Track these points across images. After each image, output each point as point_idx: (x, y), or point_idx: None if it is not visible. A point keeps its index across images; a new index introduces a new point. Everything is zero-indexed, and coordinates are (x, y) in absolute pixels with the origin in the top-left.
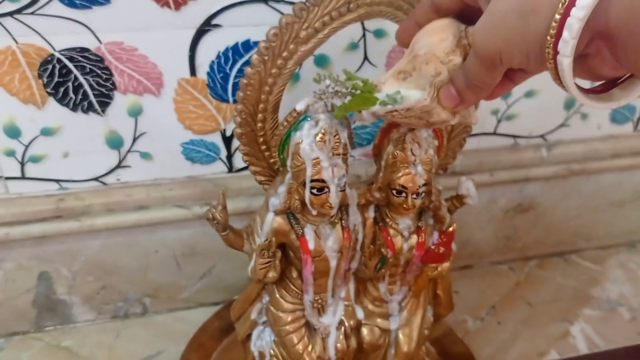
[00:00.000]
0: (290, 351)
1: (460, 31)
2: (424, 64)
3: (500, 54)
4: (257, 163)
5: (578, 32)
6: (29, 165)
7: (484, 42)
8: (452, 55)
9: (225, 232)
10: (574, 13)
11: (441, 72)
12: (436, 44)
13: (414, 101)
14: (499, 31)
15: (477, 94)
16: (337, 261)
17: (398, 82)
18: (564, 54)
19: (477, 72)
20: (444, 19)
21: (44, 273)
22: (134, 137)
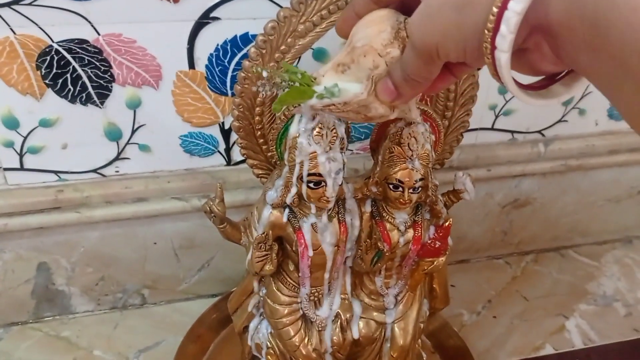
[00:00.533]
0: (287, 343)
1: (399, 22)
2: (362, 57)
3: (436, 47)
4: (255, 156)
5: (516, 26)
6: (28, 156)
7: (420, 34)
8: (390, 47)
9: (222, 225)
10: (511, 6)
11: (379, 65)
12: (374, 35)
13: (351, 95)
14: (435, 24)
15: (415, 88)
16: (333, 255)
17: (337, 75)
18: (501, 49)
19: (414, 65)
20: (383, 10)
21: (43, 264)
22: (132, 129)
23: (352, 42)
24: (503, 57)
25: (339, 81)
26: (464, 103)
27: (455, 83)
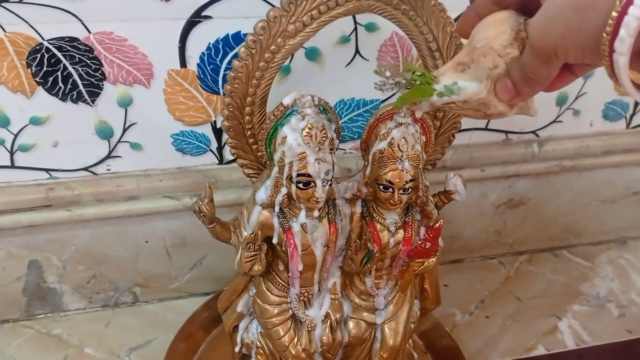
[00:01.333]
0: (276, 343)
1: (519, 24)
2: (481, 57)
3: (555, 48)
4: (245, 156)
5: (635, 30)
6: (19, 154)
7: (539, 36)
8: (510, 48)
9: (212, 224)
10: (632, 12)
11: (498, 64)
12: (494, 37)
13: (470, 93)
14: (554, 26)
15: (534, 87)
16: (323, 255)
17: (457, 74)
18: (620, 52)
19: (533, 65)
20: (503, 12)
21: (34, 262)
22: (124, 128)
23: (473, 43)
24: (621, 60)
25: (459, 80)
26: None
27: None
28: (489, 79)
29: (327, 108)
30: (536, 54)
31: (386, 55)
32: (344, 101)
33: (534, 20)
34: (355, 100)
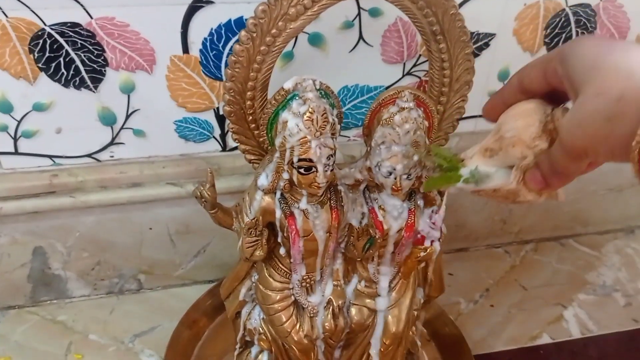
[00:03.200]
0: (278, 329)
1: (547, 115)
2: (510, 147)
3: (586, 150)
4: (247, 142)
5: None
6: (22, 140)
7: (570, 138)
8: (539, 140)
9: (214, 210)
10: None
11: (527, 156)
12: (523, 128)
13: (500, 183)
14: (585, 131)
15: (563, 180)
16: (325, 241)
17: (484, 159)
18: None
19: (563, 161)
20: (530, 102)
21: (39, 248)
22: (127, 114)
23: (501, 132)
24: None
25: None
26: (458, 89)
27: (450, 67)
28: (518, 169)
29: (328, 92)
30: (567, 153)
31: (390, 41)
32: (348, 88)
33: (565, 122)
34: (359, 86)
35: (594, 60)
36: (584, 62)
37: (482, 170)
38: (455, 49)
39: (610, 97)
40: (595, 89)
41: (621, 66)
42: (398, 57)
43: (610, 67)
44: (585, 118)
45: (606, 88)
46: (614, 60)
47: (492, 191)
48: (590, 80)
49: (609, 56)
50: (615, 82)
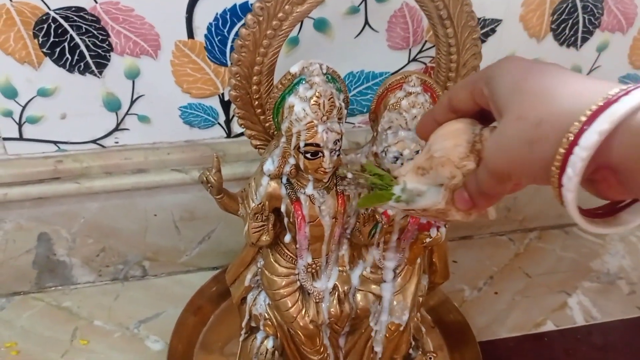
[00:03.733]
0: (284, 315)
1: (475, 135)
2: (439, 166)
3: (509, 173)
4: (253, 127)
5: (581, 170)
6: (27, 126)
7: (494, 160)
8: (466, 160)
9: (219, 195)
10: (577, 152)
11: (456, 175)
12: (451, 148)
13: (430, 203)
14: (507, 154)
15: (489, 201)
16: (331, 227)
17: (417, 177)
18: (567, 188)
19: (488, 183)
20: (459, 122)
21: (44, 234)
22: (131, 100)
23: (431, 151)
24: (569, 195)
25: (419, 183)
26: (465, 74)
27: (457, 52)
28: (447, 189)
29: (335, 77)
30: (491, 175)
31: (396, 27)
32: (353, 74)
33: (489, 144)
34: (364, 72)
35: (516, 83)
36: (506, 84)
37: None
38: (462, 34)
39: (530, 122)
40: (516, 112)
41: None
42: (404, 43)
43: (530, 91)
44: (506, 142)
45: (526, 112)
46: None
47: (421, 210)
48: (512, 104)
49: (530, 79)
50: (534, 107)
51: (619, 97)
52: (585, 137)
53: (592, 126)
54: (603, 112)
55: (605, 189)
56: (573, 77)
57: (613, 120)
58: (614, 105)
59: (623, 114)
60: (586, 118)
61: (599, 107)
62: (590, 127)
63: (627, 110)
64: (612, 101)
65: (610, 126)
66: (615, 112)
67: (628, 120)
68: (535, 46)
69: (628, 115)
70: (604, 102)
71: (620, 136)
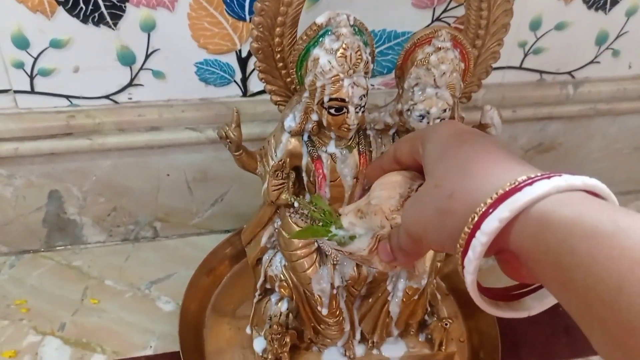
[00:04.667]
0: (300, 276)
1: (411, 190)
2: (373, 214)
3: (420, 237)
4: (273, 81)
5: (480, 254)
6: (38, 79)
7: (408, 222)
8: (396, 213)
9: (238, 152)
10: (478, 236)
11: (385, 226)
12: (385, 199)
13: (355, 248)
14: (420, 218)
15: (408, 258)
16: (352, 187)
17: (356, 219)
18: (467, 270)
19: (404, 241)
20: (399, 175)
21: (54, 192)
22: (146, 54)
23: (370, 197)
24: (468, 278)
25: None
26: (495, 32)
27: (488, 9)
28: (374, 238)
29: (362, 29)
30: (407, 235)
31: None
32: (375, 32)
33: (407, 206)
34: (386, 31)
35: (443, 151)
36: (435, 149)
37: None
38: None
39: (444, 192)
40: (435, 179)
41: (460, 163)
42: (428, 0)
43: (451, 162)
44: (421, 206)
45: (442, 181)
46: (457, 155)
47: (348, 253)
48: (434, 170)
49: (455, 150)
50: (450, 178)
51: (524, 186)
52: (487, 223)
53: (494, 212)
54: (506, 199)
55: (510, 271)
56: (493, 155)
57: (513, 209)
58: (517, 193)
59: (523, 204)
60: (491, 201)
61: (504, 192)
62: (492, 213)
63: (527, 200)
64: (516, 189)
65: (510, 214)
66: (516, 201)
67: (527, 210)
68: (563, 8)
69: (528, 205)
70: (510, 188)
71: (519, 225)
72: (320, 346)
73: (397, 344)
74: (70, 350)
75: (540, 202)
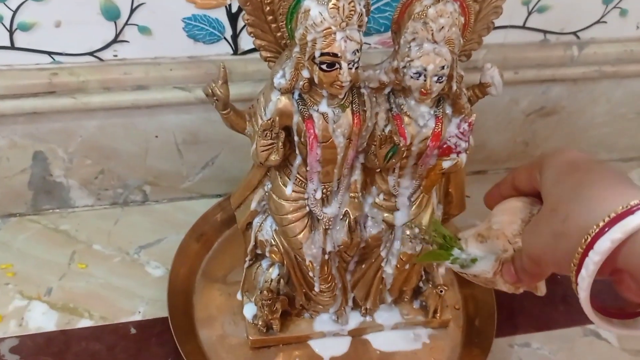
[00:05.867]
0: (291, 241)
1: (532, 215)
2: (495, 238)
3: (539, 260)
4: (263, 36)
5: (593, 272)
6: (18, 33)
7: (527, 245)
8: (518, 237)
9: (225, 110)
10: (591, 255)
11: (508, 249)
12: (506, 224)
13: (479, 271)
14: (537, 242)
15: (532, 279)
16: (345, 148)
17: (476, 243)
18: (581, 287)
19: (526, 263)
20: (519, 200)
21: (39, 153)
22: (131, 8)
23: (491, 222)
24: (582, 294)
25: (477, 249)
26: None
27: None
28: (498, 261)
29: None
30: (527, 256)
31: None
32: None
33: (527, 229)
34: None
35: (558, 177)
36: (552, 176)
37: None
38: None
39: (559, 216)
40: (551, 204)
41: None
42: None
43: (565, 187)
44: (539, 230)
45: (558, 206)
46: (571, 181)
47: (472, 276)
48: (551, 195)
49: (570, 175)
50: (565, 202)
51: (636, 210)
52: (599, 243)
53: (607, 233)
54: (619, 221)
55: (624, 290)
56: (606, 180)
57: (626, 231)
58: (629, 216)
59: (635, 226)
60: (603, 224)
61: (616, 215)
62: (605, 234)
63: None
64: (629, 212)
65: (623, 236)
66: (628, 223)
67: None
68: None
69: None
70: (622, 211)
71: (631, 245)
72: (311, 312)
73: (391, 311)
74: (57, 315)
75: None
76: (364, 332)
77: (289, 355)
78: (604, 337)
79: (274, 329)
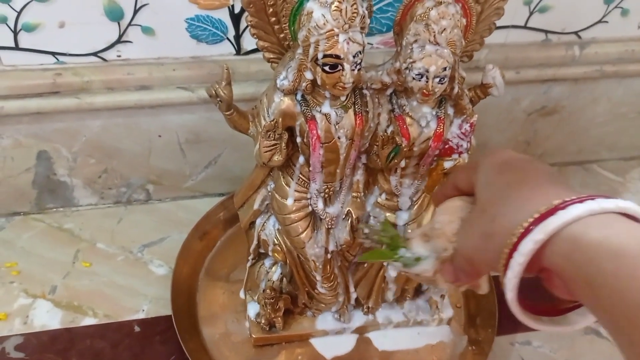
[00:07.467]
0: (294, 240)
1: None
2: (436, 237)
3: (471, 258)
4: (266, 37)
5: (519, 273)
6: (23, 34)
7: (461, 245)
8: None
9: (229, 111)
10: (515, 256)
11: (447, 248)
12: (446, 223)
13: (420, 270)
14: (469, 243)
15: (469, 277)
16: (347, 149)
17: (422, 243)
18: (508, 287)
19: (462, 264)
20: (460, 200)
21: (43, 152)
22: (135, 9)
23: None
24: (509, 294)
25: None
26: None
27: None
28: (438, 260)
29: None
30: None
31: None
32: None
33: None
34: None
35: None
36: (485, 176)
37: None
38: None
39: (488, 216)
40: (482, 205)
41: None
42: None
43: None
44: (470, 230)
45: (487, 206)
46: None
47: (414, 275)
48: (482, 196)
49: (500, 176)
50: (494, 203)
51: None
52: (523, 244)
53: (530, 234)
54: (542, 221)
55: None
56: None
57: (547, 231)
58: (550, 217)
59: (555, 227)
60: (528, 224)
61: (540, 215)
62: (528, 235)
63: (560, 223)
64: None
65: (545, 236)
66: (549, 224)
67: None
68: None
69: (560, 228)
70: (545, 211)
71: (553, 246)
72: (314, 311)
73: (393, 309)
74: (62, 313)
75: (572, 224)
76: (365, 330)
77: (292, 353)
78: (604, 335)
79: (276, 327)
